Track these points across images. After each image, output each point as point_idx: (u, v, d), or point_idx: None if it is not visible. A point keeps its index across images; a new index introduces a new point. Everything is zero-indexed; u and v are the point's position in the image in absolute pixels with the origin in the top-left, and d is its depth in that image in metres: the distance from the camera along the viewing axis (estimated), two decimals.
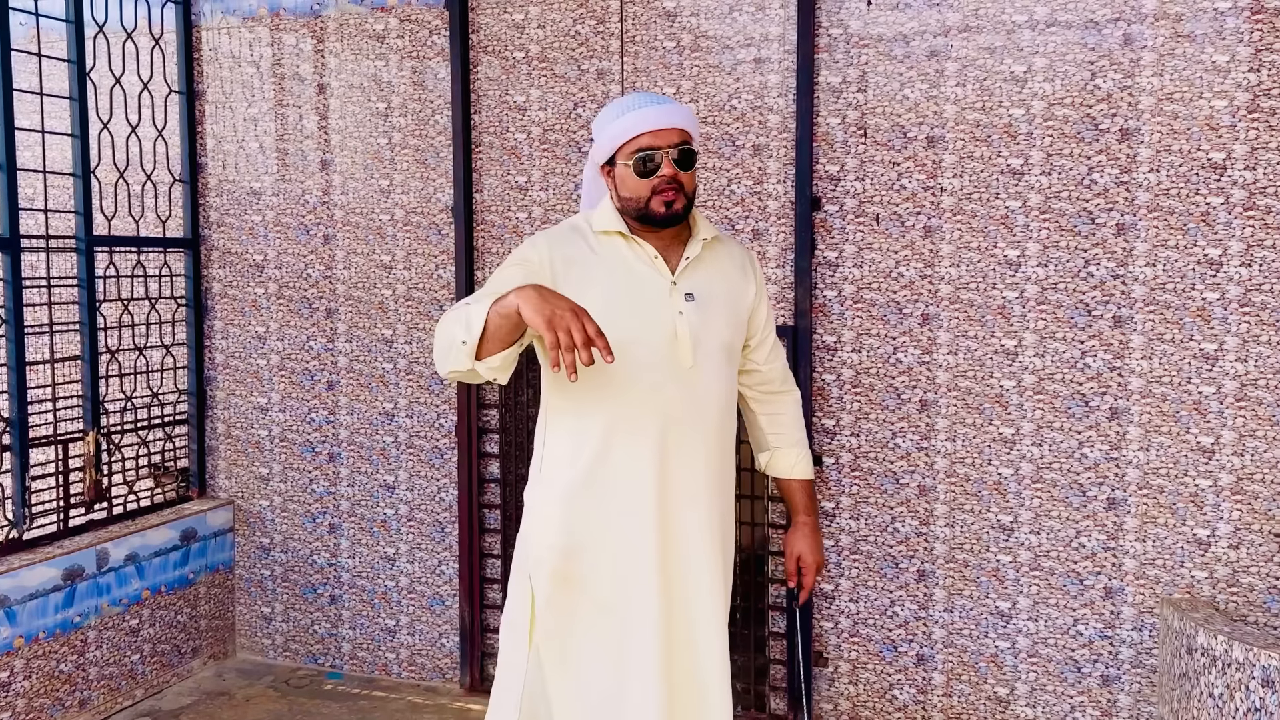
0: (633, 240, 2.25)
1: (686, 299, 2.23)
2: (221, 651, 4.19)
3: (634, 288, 2.22)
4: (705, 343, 2.23)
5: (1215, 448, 3.05)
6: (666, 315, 2.21)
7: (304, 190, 4.04)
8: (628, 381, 2.17)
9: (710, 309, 2.25)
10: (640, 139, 2.18)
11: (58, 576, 3.49)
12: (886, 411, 3.38)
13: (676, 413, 2.20)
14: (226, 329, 4.18)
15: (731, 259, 2.36)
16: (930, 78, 3.27)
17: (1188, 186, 3.04)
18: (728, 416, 2.31)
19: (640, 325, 2.19)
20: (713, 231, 2.33)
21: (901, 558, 3.39)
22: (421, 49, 3.85)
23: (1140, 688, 3.15)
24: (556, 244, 2.25)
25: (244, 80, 4.11)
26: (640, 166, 2.18)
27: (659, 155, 2.17)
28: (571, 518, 2.22)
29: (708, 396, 2.24)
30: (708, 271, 2.29)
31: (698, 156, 2.27)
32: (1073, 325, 3.17)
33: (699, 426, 2.23)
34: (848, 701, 3.47)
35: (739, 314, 2.33)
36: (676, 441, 2.21)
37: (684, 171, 2.19)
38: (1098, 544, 3.18)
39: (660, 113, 2.18)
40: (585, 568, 2.22)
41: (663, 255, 2.25)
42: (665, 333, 2.20)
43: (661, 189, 2.17)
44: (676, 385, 2.20)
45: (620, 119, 2.20)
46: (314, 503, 4.10)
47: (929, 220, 3.30)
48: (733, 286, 2.33)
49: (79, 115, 3.72)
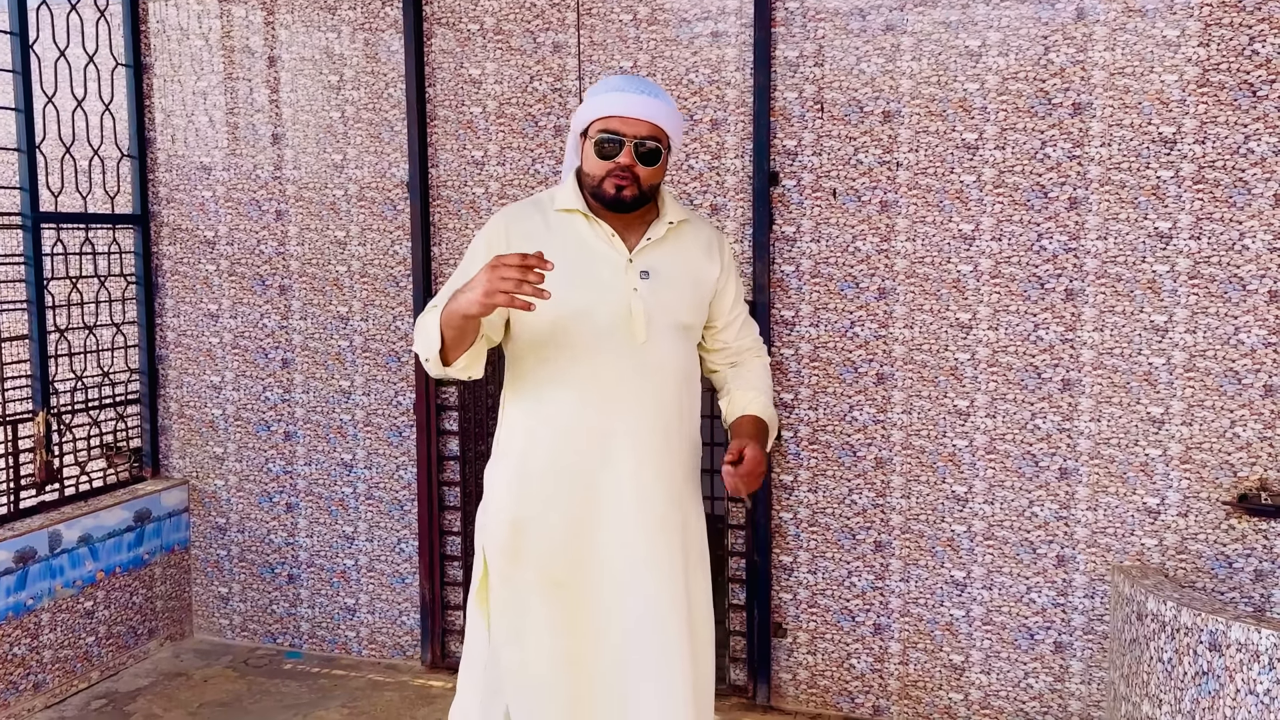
0: (592, 219, 2.25)
1: (642, 276, 2.23)
2: (178, 632, 4.15)
3: (589, 263, 2.23)
4: (660, 320, 2.23)
5: (1165, 418, 3.11)
6: (621, 292, 2.22)
7: (255, 165, 3.98)
8: (581, 357, 2.19)
9: (667, 288, 2.25)
10: (610, 120, 2.18)
11: (9, 559, 3.44)
12: (844, 385, 3.40)
13: (629, 388, 2.21)
14: (178, 307, 4.12)
15: (698, 241, 2.35)
16: (886, 52, 3.28)
17: (1139, 160, 3.08)
18: (684, 393, 2.30)
19: (594, 300, 2.20)
20: (681, 215, 2.32)
21: (859, 529, 3.42)
22: (374, 21, 3.79)
23: (1092, 653, 3.22)
24: (515, 221, 2.27)
25: (193, 53, 4.03)
26: (600, 147, 2.18)
27: (621, 142, 2.17)
28: (523, 492, 2.23)
29: (661, 373, 2.24)
30: (669, 252, 2.29)
31: (667, 156, 2.23)
32: (1026, 298, 3.21)
33: (652, 402, 2.23)
34: (806, 671, 3.51)
35: (700, 295, 2.33)
36: (629, 417, 2.21)
37: (644, 166, 2.18)
38: (1050, 513, 3.23)
39: (637, 102, 2.18)
40: (536, 542, 2.22)
41: (622, 235, 2.26)
42: (619, 309, 2.21)
43: (615, 174, 2.18)
44: (629, 361, 2.21)
45: (604, 94, 2.21)
46: (270, 482, 4.06)
47: (885, 195, 3.31)
48: (695, 268, 2.32)
49: (23, 89, 3.63)
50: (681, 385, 2.29)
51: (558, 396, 2.22)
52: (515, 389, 2.29)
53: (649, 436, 2.23)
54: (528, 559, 2.23)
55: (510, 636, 2.24)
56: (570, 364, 2.20)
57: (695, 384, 2.35)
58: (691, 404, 2.33)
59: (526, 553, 2.22)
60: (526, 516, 2.22)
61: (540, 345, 2.23)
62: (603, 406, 2.21)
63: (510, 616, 2.24)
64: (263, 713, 3.54)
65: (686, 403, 2.31)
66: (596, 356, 2.20)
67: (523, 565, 2.23)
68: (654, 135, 2.19)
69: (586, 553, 2.22)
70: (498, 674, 2.26)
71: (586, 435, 2.21)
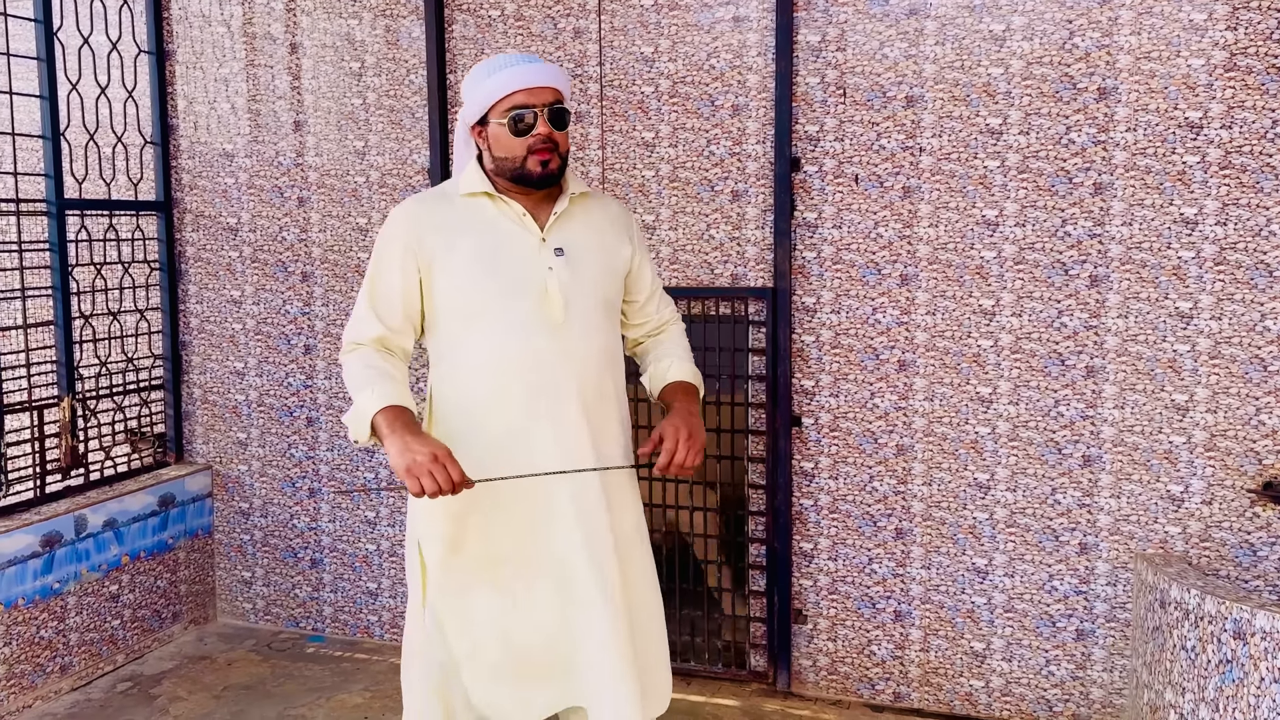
0: (499, 199, 2.24)
1: (556, 254, 2.23)
2: (202, 616, 4.19)
3: (501, 246, 2.22)
4: (578, 298, 2.22)
5: (1189, 405, 3.09)
6: (536, 272, 2.21)
7: (277, 152, 4.00)
8: (501, 342, 2.19)
9: (582, 263, 2.25)
10: (514, 96, 2.17)
11: (36, 543, 3.47)
12: (865, 372, 3.39)
13: (551, 369, 2.20)
14: (201, 293, 4.15)
15: (605, 214, 2.36)
16: (909, 36, 3.25)
17: (1164, 145, 3.05)
18: (608, 369, 2.29)
19: (509, 283, 2.19)
20: (583, 187, 2.32)
21: (880, 516, 3.42)
22: (395, 7, 3.79)
23: (1114, 641, 3.21)
24: (419, 214, 2.26)
25: (215, 40, 4.04)
26: (514, 125, 2.17)
27: (533, 114, 2.16)
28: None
29: (582, 350, 2.23)
30: (579, 226, 2.28)
31: (570, 116, 2.25)
32: (1050, 285, 3.19)
33: (576, 381, 2.22)
34: (826, 658, 3.51)
35: (615, 268, 2.33)
36: (554, 397, 2.20)
37: (558, 131, 2.19)
38: (1073, 501, 3.22)
39: (534, 71, 2.18)
40: (471, 529, 2.23)
41: (531, 213, 2.25)
42: (535, 290, 2.20)
43: (537, 148, 2.17)
44: (550, 341, 2.20)
45: (493, 76, 2.19)
46: (293, 467, 4.08)
47: (908, 180, 3.30)
48: (606, 241, 2.32)
49: (47, 76, 3.66)
50: (605, 363, 2.28)
51: (481, 383, 2.21)
52: (439, 377, 2.29)
53: (576, 416, 2.22)
54: (466, 545, 2.23)
55: (458, 620, 2.24)
56: (491, 351, 2.19)
57: (619, 361, 2.35)
58: (616, 380, 2.33)
59: (464, 540, 2.23)
60: (463, 507, 2.20)
61: (459, 334, 2.23)
62: (527, 390, 2.20)
63: (452, 599, 2.24)
64: (286, 696, 3.57)
65: (610, 380, 2.30)
66: (518, 338, 2.19)
67: (461, 551, 2.24)
68: (557, 99, 2.20)
69: (524, 537, 2.23)
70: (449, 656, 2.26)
71: (513, 420, 2.20)
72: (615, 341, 2.34)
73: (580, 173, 3.62)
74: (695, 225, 3.52)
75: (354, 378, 2.22)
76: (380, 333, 2.25)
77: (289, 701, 3.53)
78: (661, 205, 3.55)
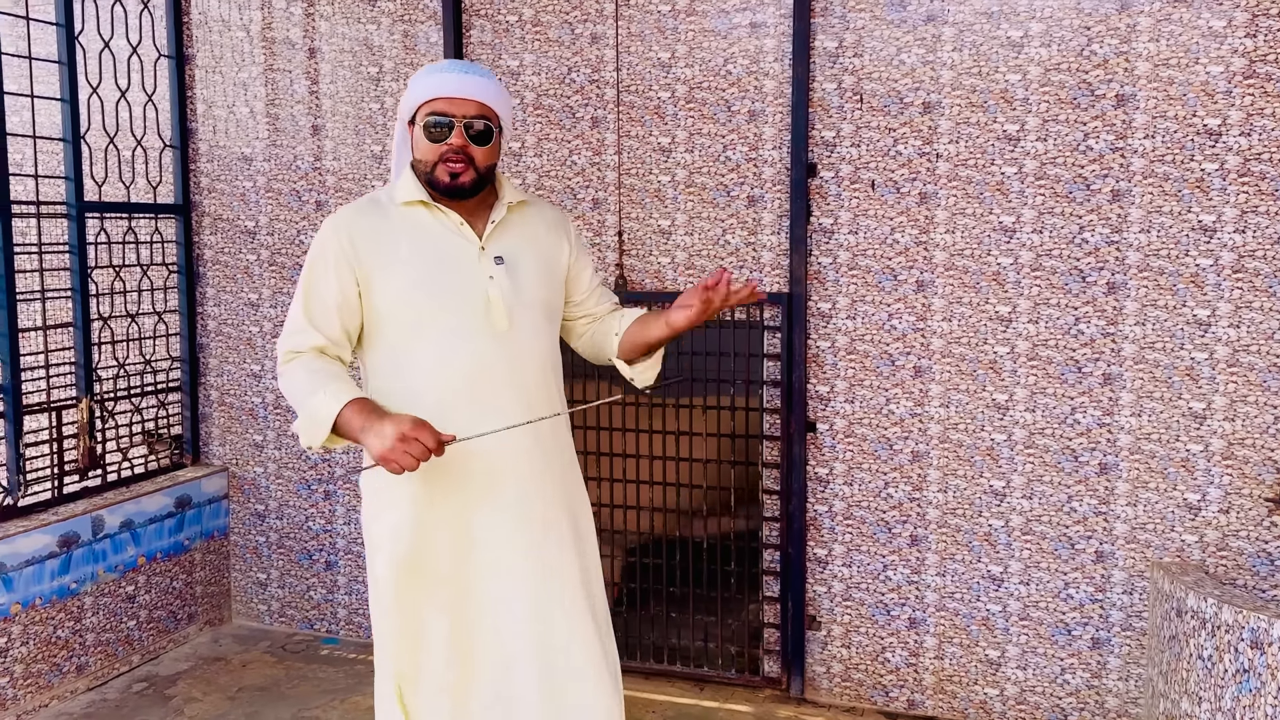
0: (435, 209, 2.23)
1: (496, 262, 2.22)
2: (217, 617, 4.20)
3: (441, 257, 2.20)
4: (520, 305, 2.22)
5: (1207, 413, 3.07)
6: (477, 281, 2.20)
7: (295, 156, 4.02)
8: (445, 353, 2.16)
9: (522, 270, 2.25)
10: (435, 103, 2.17)
11: (53, 543, 3.49)
12: (880, 378, 3.39)
13: (496, 378, 2.19)
14: (219, 295, 4.17)
15: (543, 219, 2.36)
16: (927, 42, 3.25)
17: (1183, 153, 3.04)
18: (551, 375, 2.29)
19: (451, 294, 2.18)
20: (519, 195, 2.32)
21: (894, 523, 3.41)
22: (413, 13, 3.81)
23: (1130, 650, 3.19)
24: (355, 223, 2.22)
25: (234, 45, 4.07)
26: (429, 130, 2.17)
27: (450, 123, 2.15)
28: (402, 497, 2.22)
29: (526, 357, 2.23)
30: (517, 233, 2.28)
31: (500, 135, 2.23)
32: (1066, 291, 3.18)
33: (521, 390, 2.22)
34: (840, 664, 3.51)
35: (555, 272, 2.34)
36: (499, 409, 2.19)
37: (477, 146, 2.17)
38: (1089, 509, 3.21)
39: (460, 81, 2.16)
40: (419, 546, 2.22)
41: (469, 221, 2.24)
42: (477, 299, 2.19)
43: (448, 157, 2.16)
44: (494, 349, 2.19)
45: (426, 79, 2.19)
46: (308, 470, 4.10)
47: (924, 187, 3.30)
48: (544, 247, 2.32)
49: (68, 79, 3.68)
50: (547, 368, 2.28)
51: (427, 393, 2.18)
52: (377, 390, 2.25)
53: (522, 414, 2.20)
54: (415, 562, 2.22)
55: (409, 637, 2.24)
56: (435, 361, 2.16)
57: (559, 365, 2.35)
58: (558, 385, 2.34)
59: (412, 557, 2.22)
60: (410, 522, 2.21)
61: (401, 345, 2.21)
62: (472, 397, 2.18)
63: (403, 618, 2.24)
64: (300, 698, 3.58)
65: (554, 384, 2.31)
66: (459, 351, 2.17)
67: (410, 570, 2.22)
68: (483, 114, 2.17)
69: (467, 551, 2.22)
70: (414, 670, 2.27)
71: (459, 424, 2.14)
72: (556, 346, 2.34)
73: (597, 178, 3.63)
74: (711, 230, 3.53)
75: (299, 385, 2.16)
76: (320, 343, 2.22)
77: (303, 703, 3.54)
78: (677, 210, 3.56)
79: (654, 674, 3.69)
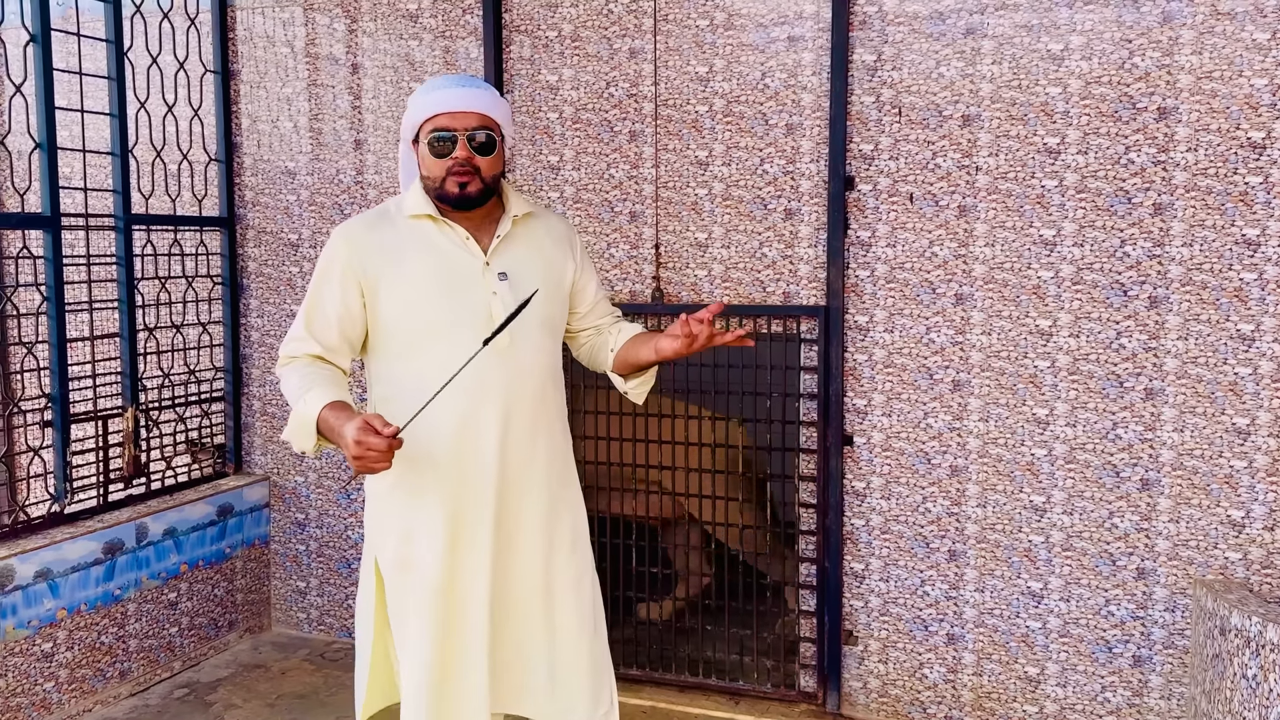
0: (443, 223, 2.29)
1: (500, 279, 2.27)
2: (257, 625, 4.25)
3: (446, 272, 2.26)
4: (523, 322, 2.25)
5: (1251, 429, 3.03)
6: (480, 297, 2.25)
7: (338, 170, 4.07)
8: (447, 364, 2.19)
9: (525, 286, 2.29)
10: (438, 119, 2.22)
11: (98, 550, 3.55)
12: (919, 392, 3.37)
13: (496, 393, 2.25)
14: (262, 307, 4.23)
15: (549, 233, 2.41)
16: (966, 55, 3.25)
17: (1226, 166, 3.01)
18: (551, 389, 2.36)
19: (454, 309, 2.24)
20: (525, 207, 2.37)
21: (933, 538, 3.39)
22: (454, 29, 3.85)
23: (1172, 668, 3.15)
24: (362, 236, 2.29)
25: (278, 60, 4.13)
26: (434, 146, 2.23)
27: (454, 137, 2.21)
28: (404, 505, 2.30)
29: (527, 373, 2.29)
30: (522, 248, 2.34)
31: (503, 144, 2.29)
32: (1108, 305, 3.16)
33: (521, 404, 2.29)
34: (877, 680, 3.49)
35: (559, 288, 2.39)
36: (498, 421, 2.26)
37: (482, 156, 2.23)
38: (1131, 525, 3.17)
39: (460, 95, 2.22)
40: (419, 551, 2.29)
41: (475, 236, 2.29)
42: (480, 315, 2.24)
43: (455, 170, 2.21)
44: (495, 363, 2.24)
45: (425, 96, 2.24)
46: (348, 480, 4.14)
47: (964, 200, 3.28)
48: (549, 261, 2.37)
49: (117, 94, 3.76)
50: (548, 382, 2.35)
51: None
52: (380, 397, 2.33)
53: (521, 436, 2.30)
54: (414, 567, 2.29)
55: (400, 640, 2.32)
56: (435, 375, 2.18)
57: (560, 378, 2.43)
58: (558, 398, 2.41)
59: (413, 562, 2.29)
60: (411, 529, 2.29)
61: (403, 357, 2.27)
62: (472, 414, 2.25)
63: (398, 622, 2.32)
64: (339, 705, 3.61)
65: (553, 398, 2.38)
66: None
67: (410, 573, 2.30)
68: (485, 125, 2.24)
69: (469, 560, 2.30)
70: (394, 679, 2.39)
71: (459, 442, 2.25)
72: (558, 360, 2.41)
73: (634, 191, 3.65)
74: (748, 244, 3.53)
75: (290, 388, 2.25)
76: (316, 351, 2.30)
77: (342, 711, 3.57)
78: (714, 223, 3.57)
79: (689, 687, 3.69)
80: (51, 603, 3.39)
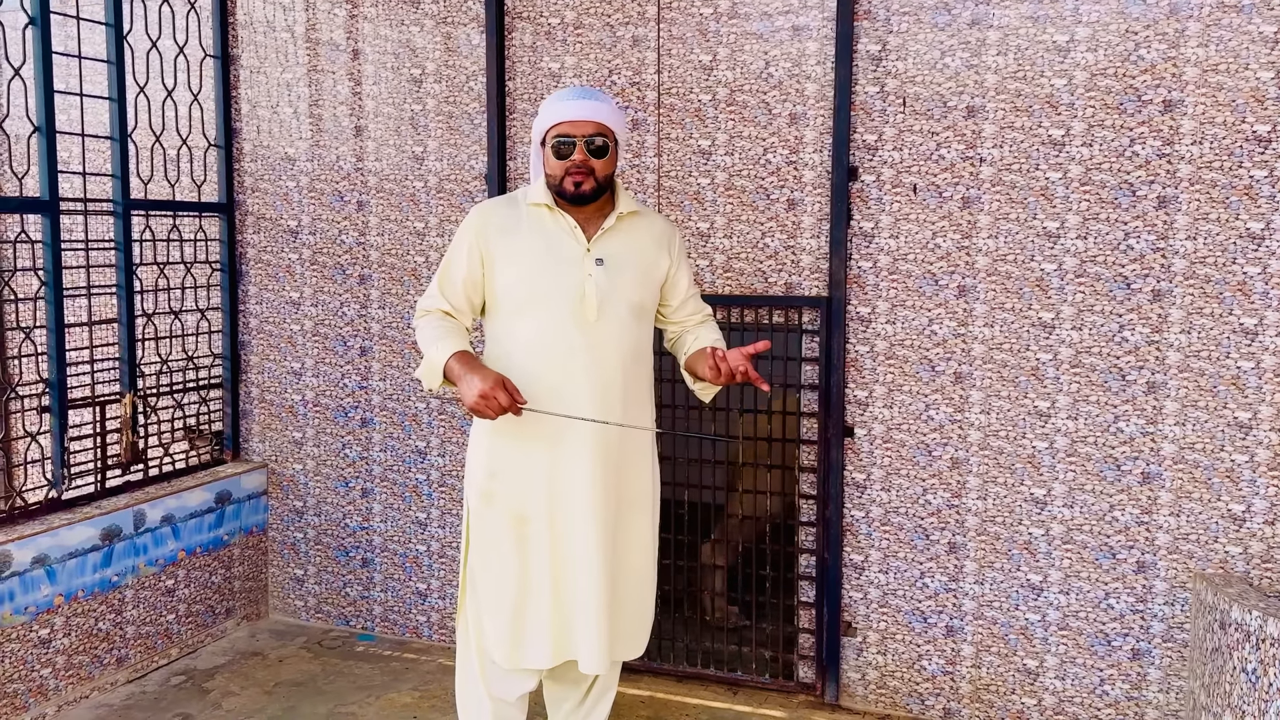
0: (557, 212, 2.65)
1: (597, 263, 2.63)
2: (255, 612, 4.24)
3: (551, 253, 2.63)
4: (611, 301, 2.62)
5: (1253, 423, 3.03)
6: (577, 277, 2.61)
7: (338, 156, 4.05)
8: (541, 333, 2.61)
9: (620, 273, 2.64)
10: (560, 126, 2.58)
11: (96, 536, 3.54)
12: (920, 383, 3.37)
13: (580, 360, 2.60)
14: (261, 294, 4.21)
15: (650, 232, 2.73)
16: (971, 46, 3.23)
17: (1231, 159, 3.00)
18: (634, 364, 2.68)
19: (554, 284, 2.61)
20: (632, 207, 2.71)
21: (932, 529, 3.39)
22: (455, 15, 3.83)
23: (1171, 662, 3.15)
24: (492, 215, 2.69)
25: (278, 46, 4.11)
26: (557, 149, 2.58)
27: (573, 142, 2.56)
28: (494, 447, 2.68)
29: (610, 348, 2.62)
30: (622, 241, 2.68)
31: (616, 148, 2.63)
32: (1111, 298, 3.15)
33: (599, 371, 2.61)
34: (876, 671, 3.49)
35: (651, 279, 2.72)
36: (582, 384, 2.60)
37: (596, 159, 2.58)
38: (1131, 518, 3.17)
39: (580, 107, 2.57)
40: (503, 487, 2.67)
41: (583, 226, 2.65)
42: (575, 292, 2.60)
43: (573, 171, 2.57)
44: (582, 336, 2.60)
45: (552, 106, 2.60)
46: (346, 467, 4.13)
47: (967, 191, 3.27)
48: (646, 256, 2.71)
49: (116, 79, 3.73)
50: (628, 358, 2.66)
51: (523, 364, 2.61)
52: (489, 355, 2.72)
53: (600, 399, 2.61)
54: (500, 501, 2.67)
55: (483, 565, 2.71)
56: (534, 337, 2.62)
57: (644, 358, 2.73)
58: (642, 376, 2.73)
59: (499, 496, 2.67)
60: (499, 469, 2.67)
61: (511, 320, 2.66)
62: (559, 375, 2.60)
63: (484, 549, 2.71)
64: (337, 693, 3.61)
65: (634, 371, 2.69)
66: (555, 331, 2.60)
67: (495, 506, 2.68)
68: (601, 132, 2.58)
69: (544, 498, 2.65)
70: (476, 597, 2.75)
71: (546, 398, 2.58)
72: (644, 339, 2.72)
73: (636, 180, 3.63)
74: (750, 233, 3.52)
75: (424, 337, 2.65)
76: (445, 308, 2.70)
77: (339, 699, 3.57)
78: (716, 213, 3.56)
79: (687, 677, 3.69)
80: (49, 589, 3.38)
